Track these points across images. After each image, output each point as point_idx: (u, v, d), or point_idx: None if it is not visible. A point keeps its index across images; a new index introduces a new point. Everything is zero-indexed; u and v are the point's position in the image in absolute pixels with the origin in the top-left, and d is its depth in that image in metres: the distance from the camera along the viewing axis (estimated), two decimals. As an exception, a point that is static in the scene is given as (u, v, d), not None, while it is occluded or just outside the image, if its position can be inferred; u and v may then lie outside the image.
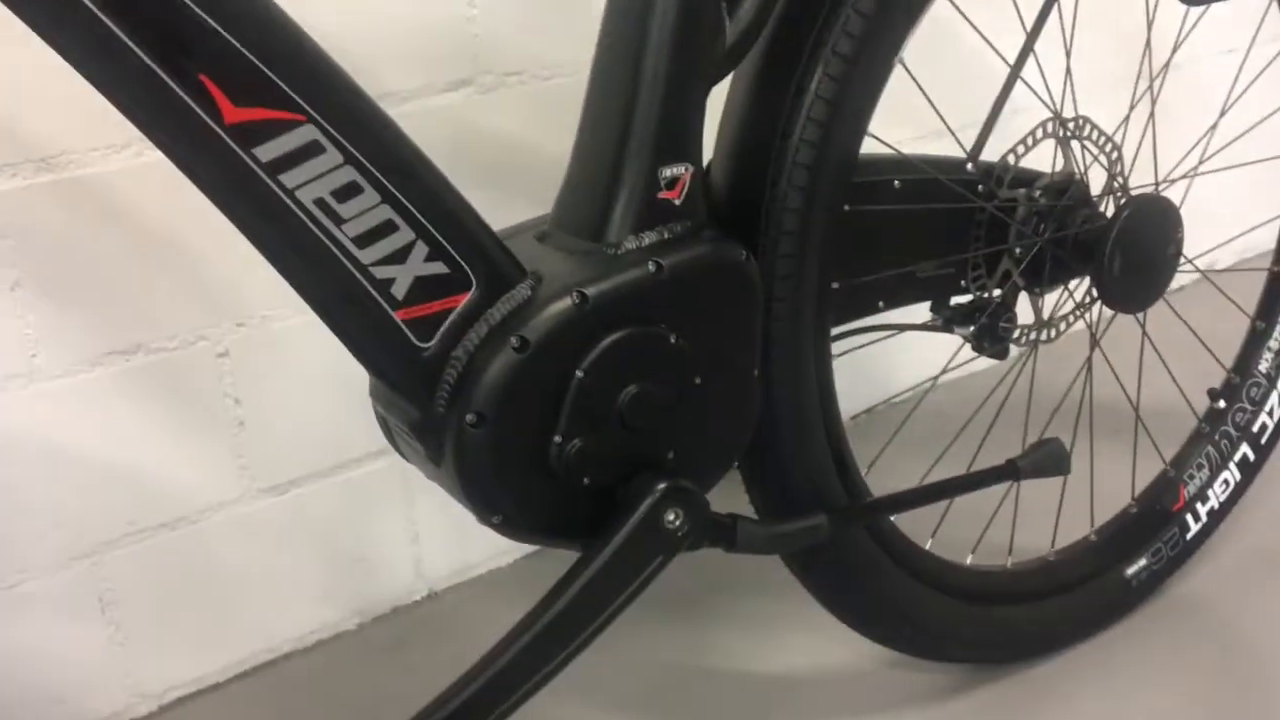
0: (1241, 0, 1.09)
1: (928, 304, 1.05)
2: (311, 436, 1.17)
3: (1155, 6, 1.05)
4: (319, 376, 1.14)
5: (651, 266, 0.78)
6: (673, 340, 0.79)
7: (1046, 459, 1.00)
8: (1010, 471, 1.00)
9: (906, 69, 0.92)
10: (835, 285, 0.92)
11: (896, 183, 0.96)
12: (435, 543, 1.28)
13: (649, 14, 0.78)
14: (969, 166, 1.01)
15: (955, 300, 1.04)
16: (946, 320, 1.05)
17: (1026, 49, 1.02)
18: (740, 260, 0.82)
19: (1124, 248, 1.01)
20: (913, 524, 1.03)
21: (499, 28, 1.17)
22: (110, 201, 1.02)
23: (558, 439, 0.76)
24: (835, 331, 0.96)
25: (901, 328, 1.05)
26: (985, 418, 1.11)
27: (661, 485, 0.79)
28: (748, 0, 0.81)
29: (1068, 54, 1.04)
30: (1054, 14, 1.03)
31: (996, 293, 1.03)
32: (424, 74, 1.14)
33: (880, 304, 0.99)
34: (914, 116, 1.02)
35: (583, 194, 0.81)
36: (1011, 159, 1.01)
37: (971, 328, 1.03)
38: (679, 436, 0.82)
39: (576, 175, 0.82)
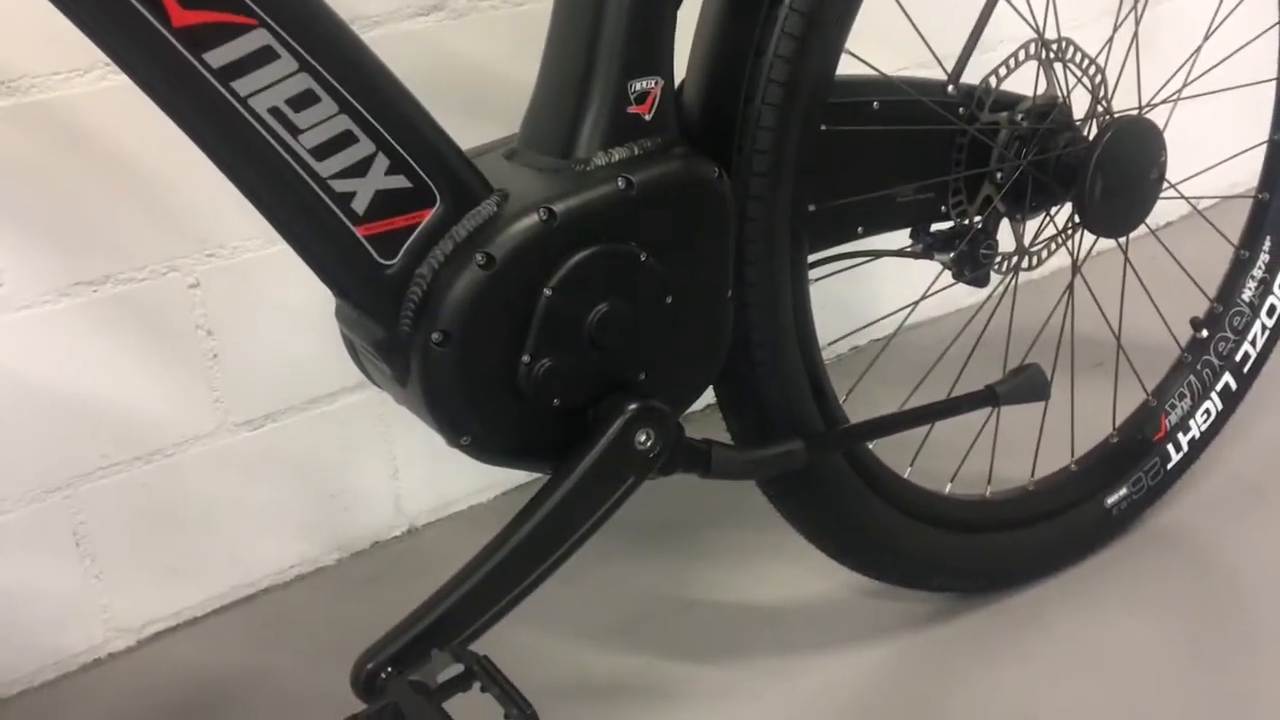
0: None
1: (907, 231, 1.04)
2: (286, 369, 1.16)
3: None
4: (293, 308, 1.13)
5: (621, 183, 0.76)
6: (643, 258, 0.78)
7: (1026, 384, 0.99)
8: (989, 397, 0.99)
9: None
10: (811, 208, 0.91)
11: (876, 103, 0.95)
12: (415, 478, 1.27)
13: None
14: (950, 89, 0.99)
15: (935, 226, 1.03)
16: (926, 246, 1.03)
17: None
18: (712, 178, 0.81)
19: (1106, 171, 0.99)
20: (891, 453, 1.02)
21: (472, -51, 1.14)
22: (74, 127, 1.00)
23: (526, 359, 0.75)
24: (813, 258, 0.95)
25: (880, 254, 1.03)
26: (964, 349, 1.10)
27: (633, 405, 0.78)
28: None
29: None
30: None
31: (977, 219, 1.02)
32: (395, -2, 1.11)
33: (859, 229, 0.98)
34: (895, 39, 1.00)
35: (550, 110, 0.80)
36: (993, 81, 0.99)
37: (951, 254, 1.02)
38: (650, 357, 0.81)
39: (544, 91, 0.81)
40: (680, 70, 0.85)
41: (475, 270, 0.72)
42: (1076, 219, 1.03)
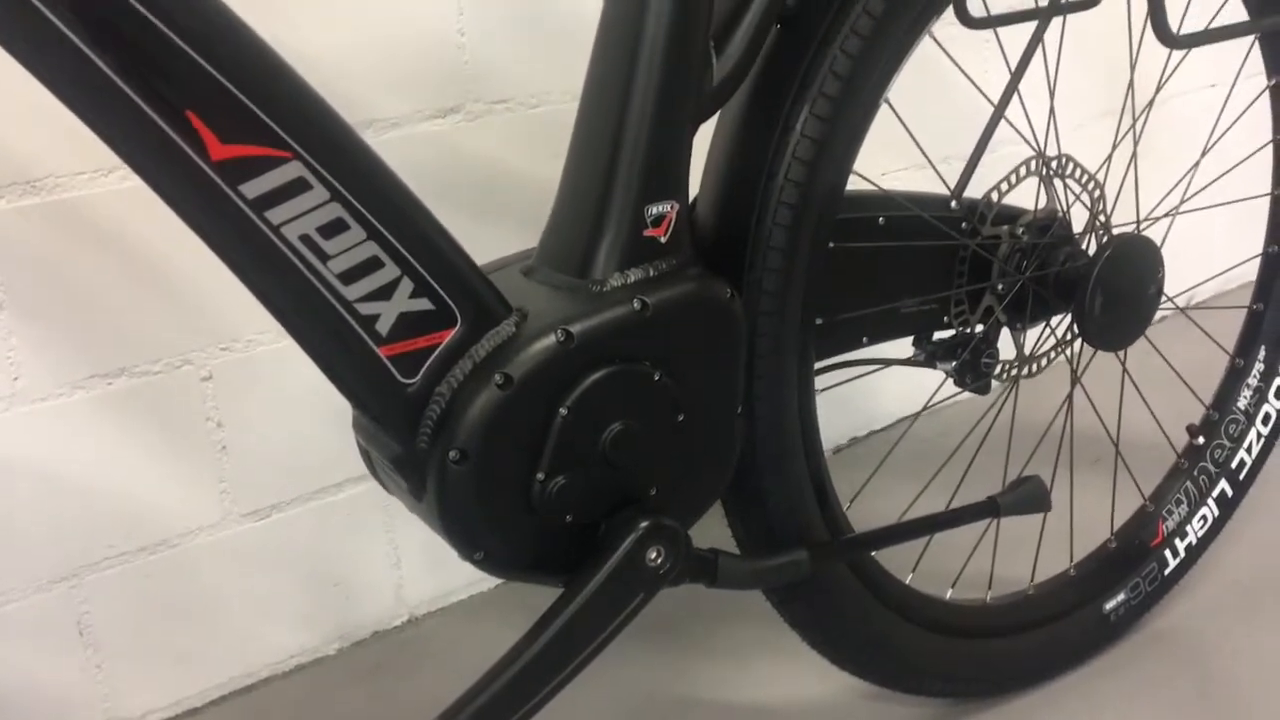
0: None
1: (910, 338, 1.06)
2: (293, 460, 1.17)
3: (1139, 47, 1.06)
4: (301, 401, 1.14)
5: (636, 304, 0.78)
6: (657, 378, 0.79)
7: (1027, 497, 1.01)
8: (990, 509, 1.01)
9: (892, 109, 0.92)
10: (819, 321, 0.93)
11: (881, 219, 0.97)
12: (416, 567, 1.28)
13: (638, 51, 0.78)
14: (953, 204, 1.01)
15: (938, 335, 1.05)
16: (929, 355, 1.05)
17: (1011, 88, 1.02)
18: (725, 298, 0.83)
19: (1105, 287, 1.01)
20: (893, 557, 1.03)
21: (487, 55, 1.17)
22: (96, 225, 1.02)
23: (540, 476, 0.76)
24: (819, 365, 0.97)
25: (885, 362, 1.05)
26: (967, 451, 1.11)
27: (644, 523, 0.79)
28: (736, 38, 0.82)
29: (1051, 93, 1.05)
30: (1039, 53, 1.04)
31: (979, 328, 1.04)
32: (413, 100, 1.14)
33: (864, 339, 1.00)
34: (902, 152, 1.03)
35: (569, 230, 0.82)
36: (995, 196, 1.02)
37: (953, 363, 1.04)
38: (662, 473, 0.82)
39: (563, 211, 0.83)
40: (694, 187, 0.88)
41: (493, 390, 0.74)
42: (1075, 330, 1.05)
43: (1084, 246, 1.06)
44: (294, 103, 0.67)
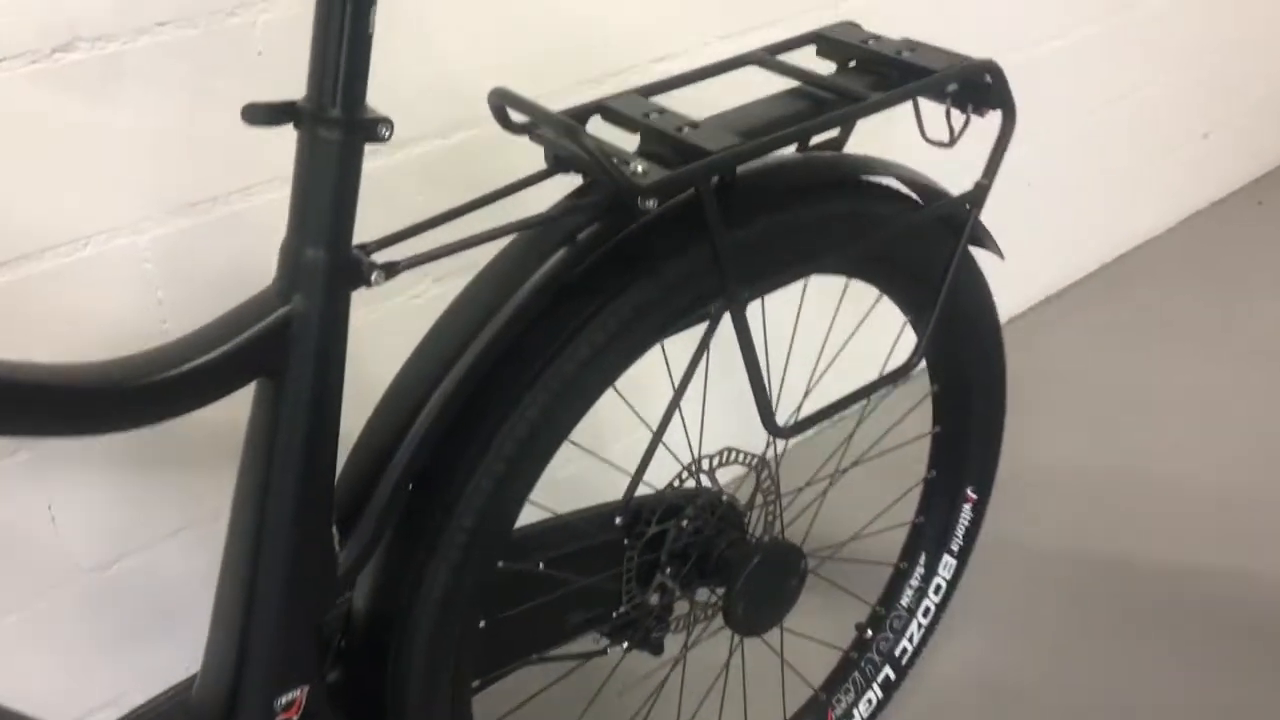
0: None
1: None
2: None
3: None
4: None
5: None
6: None
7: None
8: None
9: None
10: (475, 684, 1.00)
11: (541, 565, 1.04)
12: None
13: (258, 555, 0.81)
14: (617, 520, 1.08)
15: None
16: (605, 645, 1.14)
17: (670, 410, 1.09)
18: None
19: (748, 594, 1.11)
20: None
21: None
22: None
23: None
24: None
25: (555, 658, 1.13)
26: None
27: None
28: (362, 524, 0.85)
29: (703, 411, 1.11)
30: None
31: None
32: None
33: (533, 656, 1.08)
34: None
35: (208, 709, 0.85)
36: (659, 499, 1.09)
37: (625, 642, 1.14)
38: None
39: (201, 691, 0.86)
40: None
41: None
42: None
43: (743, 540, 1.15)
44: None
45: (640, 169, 0.84)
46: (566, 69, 1.35)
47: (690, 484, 1.11)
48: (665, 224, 0.91)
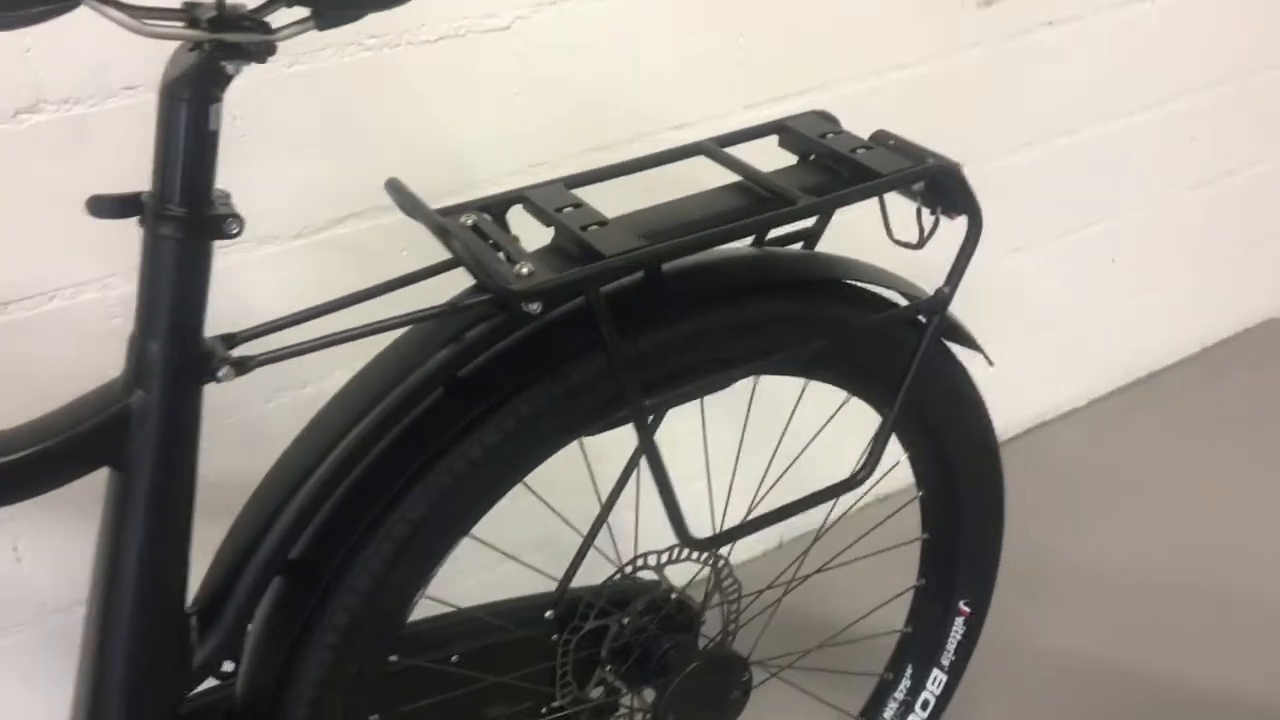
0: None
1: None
2: None
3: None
4: None
5: None
6: None
7: None
8: None
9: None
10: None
11: (454, 657, 1.00)
12: None
13: (104, 644, 0.80)
14: (547, 614, 1.04)
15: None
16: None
17: (601, 518, 1.05)
18: None
19: (686, 698, 1.05)
20: None
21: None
22: None
23: None
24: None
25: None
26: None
27: None
28: (225, 614, 0.83)
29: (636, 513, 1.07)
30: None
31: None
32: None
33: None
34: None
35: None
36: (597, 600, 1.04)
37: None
38: None
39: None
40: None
41: None
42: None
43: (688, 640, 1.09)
44: None
45: (525, 270, 0.80)
46: (581, 135, 1.33)
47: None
48: (562, 326, 0.87)
